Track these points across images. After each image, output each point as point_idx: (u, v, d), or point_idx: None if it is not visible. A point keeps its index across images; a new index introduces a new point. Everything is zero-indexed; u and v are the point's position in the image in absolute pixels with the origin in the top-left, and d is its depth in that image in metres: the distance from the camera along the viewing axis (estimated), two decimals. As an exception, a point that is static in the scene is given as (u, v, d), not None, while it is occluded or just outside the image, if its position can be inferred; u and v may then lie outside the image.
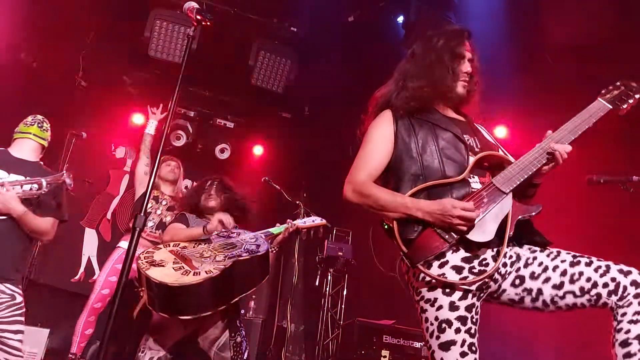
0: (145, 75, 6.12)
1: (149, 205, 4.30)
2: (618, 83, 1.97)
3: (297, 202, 4.97)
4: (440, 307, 1.74)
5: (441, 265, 1.75)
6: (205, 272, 2.66)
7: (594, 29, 4.32)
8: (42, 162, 3.12)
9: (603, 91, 1.97)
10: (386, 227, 1.85)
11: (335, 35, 5.41)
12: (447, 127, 1.97)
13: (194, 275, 2.63)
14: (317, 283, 5.68)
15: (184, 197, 3.70)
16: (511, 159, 1.92)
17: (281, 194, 4.98)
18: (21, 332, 2.78)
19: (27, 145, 3.03)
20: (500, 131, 5.52)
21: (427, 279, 1.76)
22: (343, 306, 5.73)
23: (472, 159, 1.88)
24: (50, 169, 3.11)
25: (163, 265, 2.71)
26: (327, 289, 5.61)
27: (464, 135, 1.97)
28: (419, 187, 1.84)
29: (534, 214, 1.84)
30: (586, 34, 4.32)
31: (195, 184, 3.63)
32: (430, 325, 1.76)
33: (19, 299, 2.80)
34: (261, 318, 5.55)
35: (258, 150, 7.00)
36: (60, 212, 3.01)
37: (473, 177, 1.88)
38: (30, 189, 2.78)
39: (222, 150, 6.73)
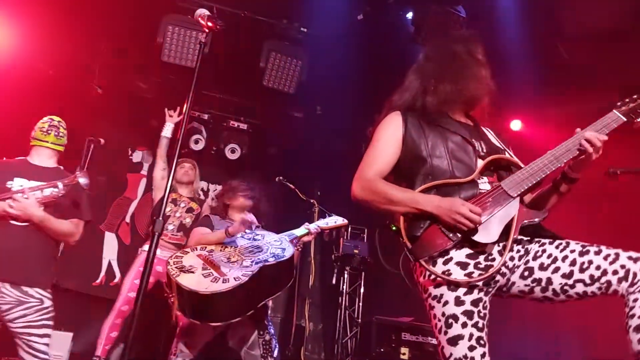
0: (160, 80, 6.19)
1: (168, 208, 4.37)
2: (635, 96, 1.97)
3: (312, 201, 5.00)
4: (446, 303, 1.76)
5: (445, 262, 1.77)
6: (234, 278, 2.69)
7: (610, 17, 4.27)
8: (61, 167, 3.19)
9: (619, 103, 1.97)
10: (394, 228, 1.88)
11: (345, 34, 5.42)
12: (457, 130, 2.01)
13: (223, 282, 2.66)
14: (333, 281, 5.69)
15: (219, 199, 3.74)
16: (519, 163, 1.94)
17: (295, 193, 5.01)
18: (48, 335, 2.84)
19: (45, 153, 3.11)
20: (514, 125, 5.49)
21: (433, 276, 1.79)
22: (361, 304, 5.74)
23: (480, 162, 1.92)
24: (69, 173, 3.13)
25: (193, 272, 2.74)
26: (344, 287, 5.63)
27: (472, 139, 1.99)
28: (428, 184, 1.88)
29: (538, 220, 1.86)
30: (602, 22, 4.26)
31: (215, 187, 3.67)
32: (438, 321, 1.79)
33: (48, 303, 2.87)
34: (279, 317, 5.59)
35: (271, 150, 7.04)
36: (81, 212, 3.07)
37: (482, 179, 1.91)
38: (50, 193, 2.85)
39: (232, 151, 6.78)
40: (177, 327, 4.07)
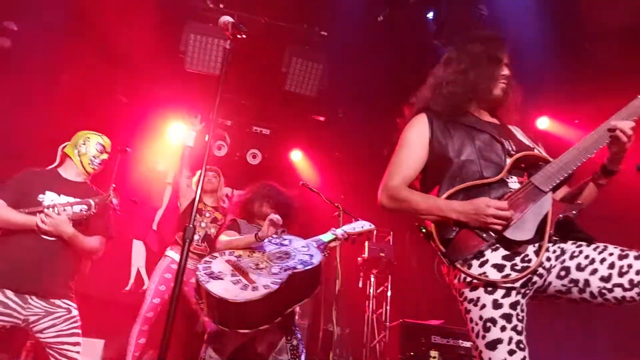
0: (183, 88, 6.27)
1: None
2: None
3: (336, 205, 4.97)
4: (483, 306, 1.72)
5: (481, 265, 1.74)
6: (263, 286, 2.67)
7: (638, 12, 4.17)
8: (89, 182, 3.21)
9: None
10: (423, 231, 1.86)
11: (365, 36, 5.40)
12: (484, 128, 1.97)
13: (252, 290, 2.64)
14: (360, 285, 5.66)
15: (240, 203, 3.66)
16: (549, 158, 1.89)
17: (319, 197, 4.99)
18: (79, 344, 2.88)
19: (76, 168, 3.11)
20: (542, 122, 5.40)
21: (468, 279, 1.75)
22: (388, 307, 5.69)
23: (509, 160, 1.87)
24: (97, 188, 3.19)
25: (222, 278, 2.74)
26: (371, 290, 5.59)
27: (501, 137, 1.95)
28: (456, 188, 1.84)
29: (575, 212, 1.81)
30: (629, 18, 4.16)
31: (247, 191, 3.63)
32: (475, 325, 1.74)
33: (75, 312, 2.91)
34: (307, 322, 5.57)
35: (295, 154, 7.06)
36: (108, 231, 3.11)
37: (511, 178, 1.87)
38: (80, 211, 2.90)
39: (253, 156, 6.82)
40: (205, 332, 4.09)
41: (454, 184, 1.87)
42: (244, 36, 2.34)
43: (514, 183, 1.86)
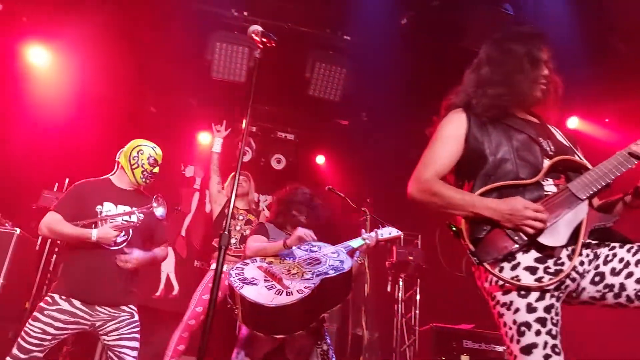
0: (209, 96, 6.36)
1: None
2: None
3: (363, 209, 4.95)
4: (517, 310, 1.69)
5: (513, 268, 1.70)
6: (297, 291, 2.68)
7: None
8: (139, 188, 3.27)
9: None
10: (454, 229, 1.83)
11: (389, 39, 5.39)
12: (522, 129, 1.93)
13: (287, 295, 2.65)
14: (388, 289, 5.63)
15: (272, 207, 3.64)
16: (588, 164, 1.85)
17: (345, 201, 4.98)
18: (137, 348, 2.97)
19: (127, 177, 3.16)
20: (571, 122, 5.31)
21: (500, 282, 1.72)
22: (417, 311, 5.65)
23: (546, 162, 1.83)
24: (149, 194, 3.26)
25: (255, 284, 2.76)
26: (399, 294, 5.56)
27: (539, 138, 1.91)
28: (490, 186, 1.81)
29: (608, 224, 1.77)
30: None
31: (280, 195, 3.61)
32: (509, 329, 1.72)
33: (136, 316, 3.02)
34: (335, 326, 5.57)
35: (319, 159, 7.08)
36: (165, 235, 3.26)
37: (547, 180, 1.83)
38: (127, 222, 2.99)
39: (277, 161, 6.86)
40: (238, 336, 4.12)
41: (488, 182, 1.84)
42: (273, 45, 2.36)
43: (549, 186, 1.82)
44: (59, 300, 2.82)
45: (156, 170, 3.21)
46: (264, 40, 2.38)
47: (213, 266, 4.37)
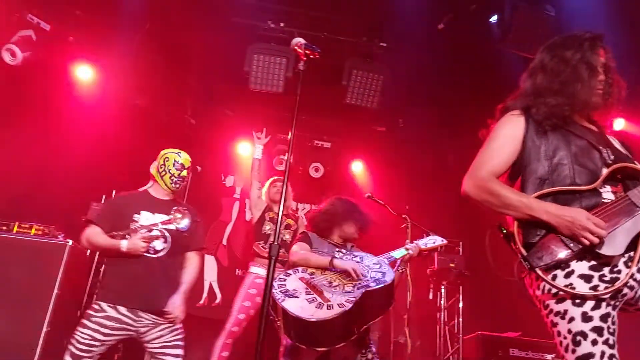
0: (247, 106, 6.46)
1: (267, 227, 4.51)
2: None
3: (404, 216, 4.91)
4: (572, 319, 1.66)
5: (567, 275, 1.67)
6: (338, 305, 2.69)
7: None
8: (175, 198, 3.39)
9: None
10: (504, 231, 1.79)
11: (426, 45, 5.36)
12: (582, 135, 1.89)
13: (327, 309, 2.67)
14: (430, 296, 5.56)
15: (319, 214, 3.60)
16: None
17: (385, 209, 4.95)
18: (180, 355, 3.03)
19: (162, 188, 3.29)
20: (618, 124, 5.15)
21: (554, 290, 1.69)
22: (461, 319, 5.55)
23: (605, 169, 1.79)
24: (184, 203, 3.40)
25: (297, 296, 2.78)
26: (442, 302, 5.48)
27: (599, 145, 1.87)
28: (545, 190, 1.78)
29: None
30: None
31: (326, 205, 3.59)
32: (564, 339, 1.67)
33: (179, 324, 3.08)
34: (377, 334, 5.53)
35: (356, 166, 7.07)
36: (197, 242, 3.30)
37: (605, 187, 1.78)
38: (153, 234, 3.07)
39: (316, 169, 6.90)
40: (281, 345, 4.15)
41: (542, 185, 1.81)
42: (317, 56, 2.39)
43: (607, 193, 1.78)
44: (105, 307, 2.93)
45: (184, 174, 3.28)
46: (307, 52, 2.41)
47: (252, 269, 4.44)
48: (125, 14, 5.08)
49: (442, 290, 5.47)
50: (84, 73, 5.49)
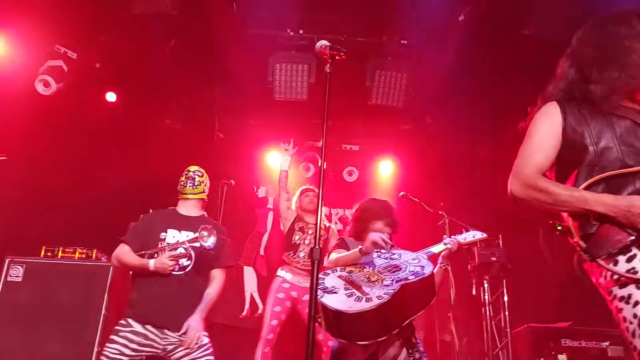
0: (274, 117, 6.51)
1: (297, 237, 4.54)
2: None
3: (440, 213, 4.87)
4: (637, 303, 1.61)
5: (629, 260, 1.62)
6: (377, 297, 2.69)
7: None
8: (205, 213, 3.45)
9: None
10: (559, 227, 1.77)
11: (447, 38, 5.30)
12: (625, 114, 1.82)
13: (366, 301, 2.67)
14: (473, 292, 5.47)
15: (353, 219, 3.59)
16: None
17: (421, 206, 4.90)
18: None
19: (188, 203, 3.38)
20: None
21: (616, 276, 1.64)
22: (507, 313, 5.43)
23: None
24: (211, 218, 3.47)
25: (336, 292, 2.80)
26: (486, 296, 5.38)
27: None
28: (596, 178, 1.73)
29: None
30: None
31: (357, 208, 3.60)
32: (630, 324, 1.62)
33: (206, 340, 3.10)
34: (422, 334, 5.47)
35: (386, 166, 7.04)
36: (220, 260, 3.31)
37: None
38: (179, 252, 3.11)
39: (349, 174, 6.91)
40: (323, 347, 4.14)
41: (592, 172, 1.75)
42: (343, 57, 2.38)
43: None
44: (132, 322, 2.98)
45: (197, 179, 3.38)
46: (332, 53, 2.41)
47: (279, 272, 4.51)
48: (148, 36, 5.20)
49: (485, 285, 5.36)
50: (111, 97, 5.64)
